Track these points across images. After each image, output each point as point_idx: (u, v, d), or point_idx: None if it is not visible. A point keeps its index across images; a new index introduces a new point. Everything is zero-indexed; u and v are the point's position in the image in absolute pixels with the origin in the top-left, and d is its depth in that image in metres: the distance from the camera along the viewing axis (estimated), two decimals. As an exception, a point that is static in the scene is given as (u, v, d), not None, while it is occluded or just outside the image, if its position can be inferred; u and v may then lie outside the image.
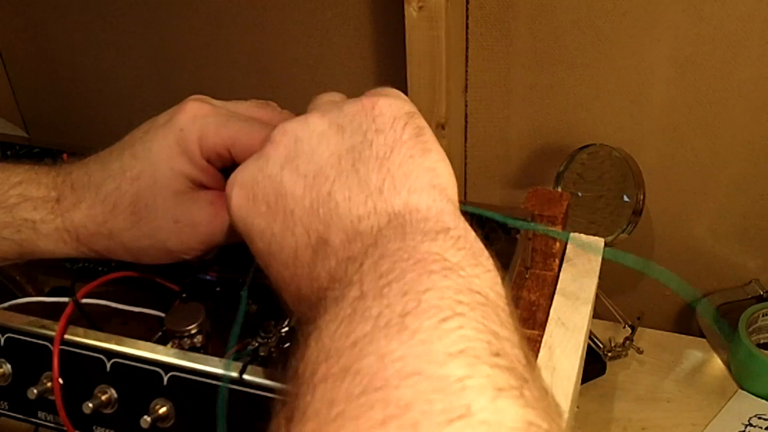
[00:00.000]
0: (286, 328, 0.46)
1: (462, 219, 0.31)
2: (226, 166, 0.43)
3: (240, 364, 0.40)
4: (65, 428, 0.43)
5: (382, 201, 0.30)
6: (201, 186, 0.43)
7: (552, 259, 0.56)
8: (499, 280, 0.29)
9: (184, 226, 0.42)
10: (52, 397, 0.43)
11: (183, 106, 0.42)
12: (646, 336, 0.86)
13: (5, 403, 0.45)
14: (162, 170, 0.41)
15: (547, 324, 0.51)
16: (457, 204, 0.32)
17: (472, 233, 0.30)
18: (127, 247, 0.43)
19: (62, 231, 0.43)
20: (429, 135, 0.33)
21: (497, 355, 0.24)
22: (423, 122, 0.34)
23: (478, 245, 0.29)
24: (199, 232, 0.42)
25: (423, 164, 0.32)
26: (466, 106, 0.86)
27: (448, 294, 0.25)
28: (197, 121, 0.42)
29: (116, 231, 0.42)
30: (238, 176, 0.35)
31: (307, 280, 0.31)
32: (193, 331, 0.44)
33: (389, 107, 0.33)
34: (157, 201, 0.41)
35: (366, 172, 0.31)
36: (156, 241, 0.42)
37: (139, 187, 0.42)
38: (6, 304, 0.48)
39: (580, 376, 0.53)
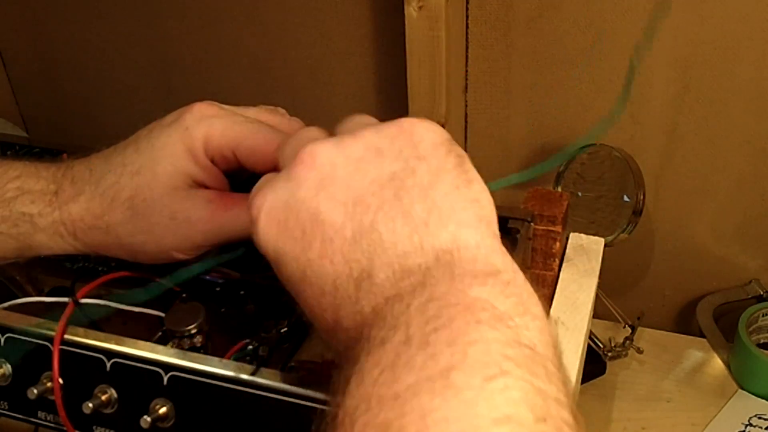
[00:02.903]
0: (286, 328, 0.46)
1: (510, 259, 0.30)
2: (229, 168, 0.43)
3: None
4: (65, 428, 0.43)
5: (428, 236, 0.29)
6: (202, 185, 0.43)
7: (552, 259, 0.56)
8: (549, 327, 0.28)
9: (181, 224, 0.42)
10: (52, 397, 0.43)
11: (190, 107, 0.43)
12: (646, 336, 0.86)
13: (5, 403, 0.45)
14: (163, 166, 0.41)
15: (547, 324, 0.51)
16: (499, 238, 0.31)
17: (521, 275, 0.29)
18: (123, 242, 0.43)
19: (59, 224, 0.43)
20: (469, 164, 0.32)
21: (543, 420, 0.23)
22: (462, 150, 0.32)
23: (528, 289, 0.28)
24: (195, 230, 0.42)
25: (468, 195, 0.31)
26: (466, 106, 0.86)
27: (496, 348, 0.24)
28: (203, 121, 0.42)
29: (113, 225, 0.42)
30: (267, 198, 0.32)
31: (350, 313, 0.29)
32: (193, 331, 0.44)
33: (429, 133, 0.32)
34: (155, 196, 0.41)
35: (410, 202, 0.30)
36: (152, 237, 0.42)
37: (138, 182, 0.42)
38: (6, 304, 0.48)
39: (580, 376, 0.53)
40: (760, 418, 0.75)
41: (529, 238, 0.54)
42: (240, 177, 0.45)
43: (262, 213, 0.32)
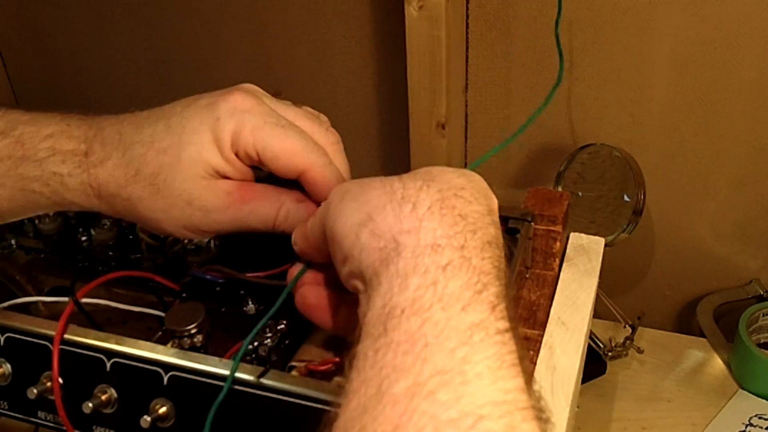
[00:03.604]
0: (286, 328, 0.46)
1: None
2: (253, 165, 0.43)
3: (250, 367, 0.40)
4: (65, 428, 0.43)
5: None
6: (224, 176, 0.43)
7: (552, 259, 0.56)
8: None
9: (196, 210, 0.42)
10: (52, 397, 0.43)
11: (229, 93, 0.43)
12: (647, 336, 0.86)
13: (5, 403, 0.45)
14: (189, 152, 0.41)
15: (548, 324, 0.51)
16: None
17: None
18: (141, 214, 0.43)
19: (87, 186, 0.43)
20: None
21: None
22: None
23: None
24: (210, 218, 0.42)
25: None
26: (466, 106, 0.86)
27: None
28: (236, 114, 0.41)
29: (134, 198, 0.43)
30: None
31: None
32: (193, 331, 0.44)
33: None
34: (177, 179, 0.42)
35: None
36: (168, 217, 0.42)
37: (163, 161, 0.42)
38: (6, 304, 0.48)
39: (581, 376, 0.53)
40: (760, 418, 0.75)
41: (529, 238, 0.53)
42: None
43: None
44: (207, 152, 0.41)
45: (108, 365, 0.42)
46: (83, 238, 0.56)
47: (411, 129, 0.83)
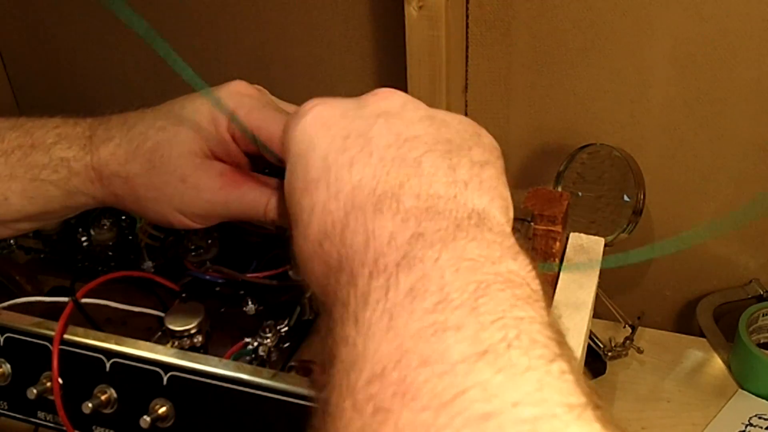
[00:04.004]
0: (286, 328, 0.46)
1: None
2: (248, 150, 0.44)
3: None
4: (65, 428, 0.43)
5: (465, 193, 0.29)
6: (217, 158, 0.43)
7: (552, 259, 0.56)
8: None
9: (189, 188, 0.43)
10: (51, 397, 0.43)
11: (231, 82, 0.44)
12: (647, 336, 0.86)
13: (5, 403, 0.45)
14: (186, 128, 0.43)
15: (547, 324, 0.51)
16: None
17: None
18: (138, 195, 0.44)
19: (90, 168, 0.44)
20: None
21: (598, 407, 0.22)
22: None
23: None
24: (201, 198, 0.43)
25: (505, 194, 0.32)
26: (466, 106, 0.86)
27: (545, 331, 0.24)
28: (235, 97, 0.43)
29: (132, 175, 0.43)
30: (327, 103, 0.33)
31: (361, 229, 0.28)
32: (192, 331, 0.44)
33: (493, 140, 0.34)
34: (173, 154, 0.42)
35: (458, 163, 0.31)
36: (162, 195, 0.43)
37: (161, 137, 0.43)
38: (6, 304, 0.48)
39: (580, 376, 0.53)
40: (760, 418, 0.75)
41: (529, 238, 0.54)
42: (264, 164, 0.45)
43: (315, 110, 0.33)
44: (203, 131, 0.43)
45: (108, 365, 0.42)
46: (83, 238, 0.56)
47: (411, 129, 0.83)
